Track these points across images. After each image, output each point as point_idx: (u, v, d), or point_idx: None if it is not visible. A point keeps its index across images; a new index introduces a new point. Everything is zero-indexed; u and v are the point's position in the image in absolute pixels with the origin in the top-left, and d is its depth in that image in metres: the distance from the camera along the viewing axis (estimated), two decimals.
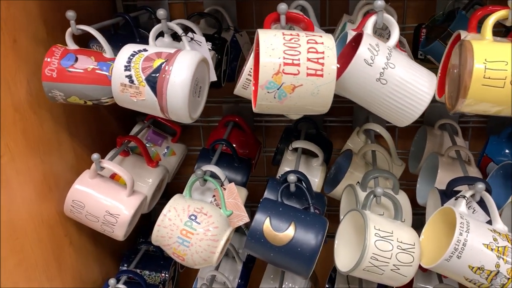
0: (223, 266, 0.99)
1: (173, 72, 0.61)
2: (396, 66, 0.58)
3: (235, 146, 0.94)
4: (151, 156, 0.95)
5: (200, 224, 0.71)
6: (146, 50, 0.64)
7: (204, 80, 0.69)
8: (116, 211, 0.77)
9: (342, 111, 1.06)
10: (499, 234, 0.66)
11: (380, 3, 0.60)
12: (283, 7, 0.61)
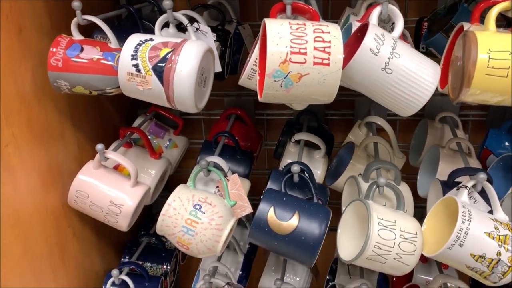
0: (224, 258, 1.00)
1: (179, 61, 0.62)
2: (401, 56, 0.59)
3: (237, 138, 0.94)
4: (154, 148, 0.95)
5: (205, 213, 0.72)
6: (152, 39, 0.65)
7: (209, 70, 0.69)
8: (120, 201, 0.78)
9: (343, 104, 1.07)
10: (500, 223, 0.67)
11: None
12: None
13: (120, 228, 0.81)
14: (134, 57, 0.63)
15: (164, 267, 1.02)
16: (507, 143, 0.90)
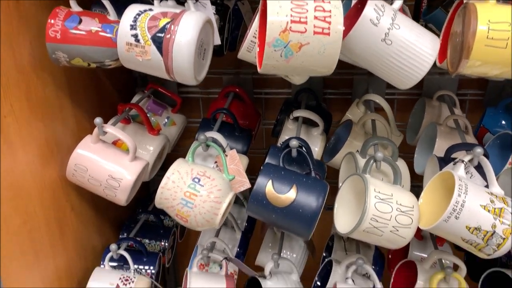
0: (222, 235, 1.01)
1: (179, 31, 0.61)
2: (401, 27, 0.59)
3: (235, 116, 0.94)
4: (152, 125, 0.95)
5: (204, 186, 0.72)
6: (151, 9, 0.64)
7: (208, 43, 0.69)
8: (118, 175, 0.78)
9: (342, 83, 1.07)
10: (496, 196, 0.67)
11: None
12: None
13: (119, 202, 0.81)
14: (133, 26, 0.63)
15: (162, 243, 1.03)
16: (503, 122, 0.91)
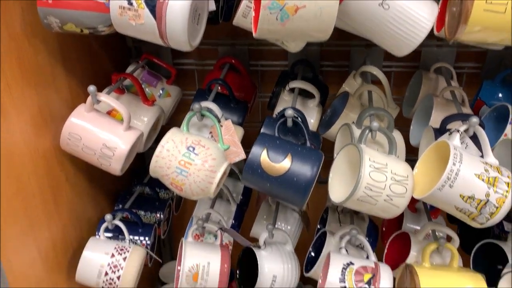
0: (217, 207, 1.01)
1: None
2: None
3: (231, 87, 0.93)
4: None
5: (198, 155, 0.72)
6: None
7: (203, 7, 0.68)
8: (113, 144, 0.77)
9: (339, 55, 1.06)
10: (490, 166, 0.67)
11: None
12: None
13: (114, 172, 0.81)
14: None
15: (158, 215, 1.03)
16: (500, 94, 0.91)
